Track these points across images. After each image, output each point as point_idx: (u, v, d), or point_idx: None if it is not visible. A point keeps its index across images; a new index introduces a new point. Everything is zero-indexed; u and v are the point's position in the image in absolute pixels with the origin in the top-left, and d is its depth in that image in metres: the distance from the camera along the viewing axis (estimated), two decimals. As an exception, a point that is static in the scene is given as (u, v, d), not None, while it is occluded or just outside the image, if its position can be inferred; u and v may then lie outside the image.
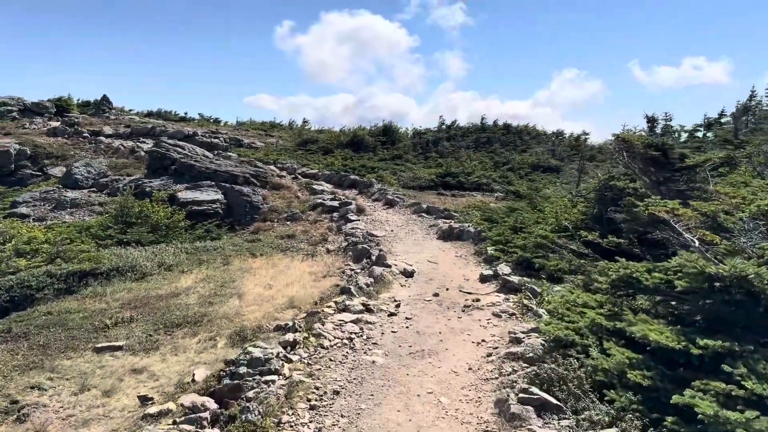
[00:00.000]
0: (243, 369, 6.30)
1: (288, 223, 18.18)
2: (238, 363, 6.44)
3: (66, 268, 11.76)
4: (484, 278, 11.21)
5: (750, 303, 5.47)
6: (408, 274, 11.78)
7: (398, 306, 9.56)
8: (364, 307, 9.19)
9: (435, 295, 10.21)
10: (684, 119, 59.11)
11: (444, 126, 39.64)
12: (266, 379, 6.11)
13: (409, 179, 24.75)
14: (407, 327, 8.50)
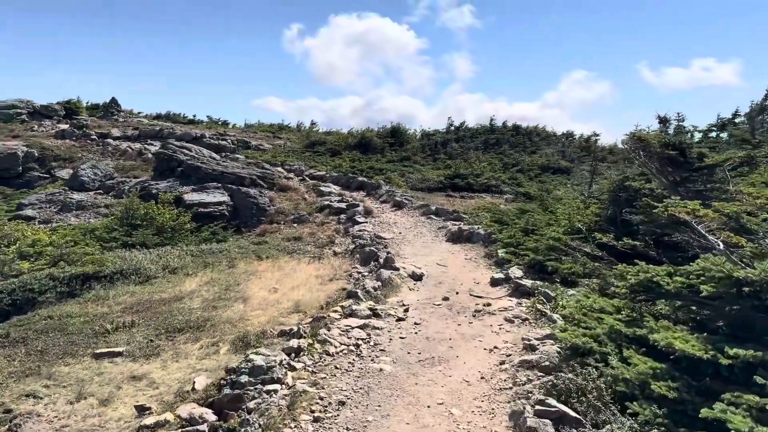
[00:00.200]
0: (244, 378, 6.01)
1: (295, 225, 17.92)
2: (240, 371, 6.15)
3: (69, 271, 11.58)
4: (495, 282, 10.89)
5: (783, 309, 5.14)
6: (417, 278, 11.48)
7: (407, 310, 9.26)
8: (372, 312, 8.90)
9: (445, 299, 9.90)
10: (694, 120, 58.17)
11: (452, 127, 39.24)
12: (268, 389, 5.83)
13: (418, 181, 24.47)
14: (416, 332, 8.19)
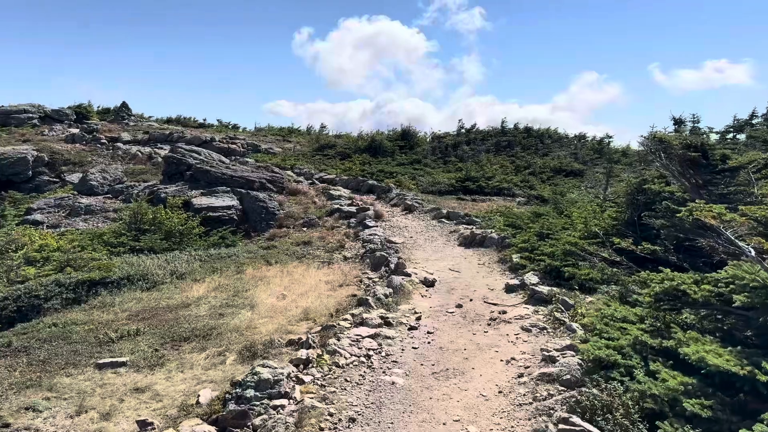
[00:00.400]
0: (250, 392, 5.73)
1: (304, 230, 17.68)
2: (245, 385, 5.86)
3: (75, 277, 11.39)
4: (510, 288, 10.56)
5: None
6: (429, 284, 11.17)
7: (419, 319, 8.96)
8: (383, 321, 8.61)
9: (458, 307, 9.59)
10: (708, 122, 57.29)
11: (463, 130, 38.79)
12: (275, 404, 5.56)
13: (428, 184, 24.16)
14: (429, 342, 7.89)
